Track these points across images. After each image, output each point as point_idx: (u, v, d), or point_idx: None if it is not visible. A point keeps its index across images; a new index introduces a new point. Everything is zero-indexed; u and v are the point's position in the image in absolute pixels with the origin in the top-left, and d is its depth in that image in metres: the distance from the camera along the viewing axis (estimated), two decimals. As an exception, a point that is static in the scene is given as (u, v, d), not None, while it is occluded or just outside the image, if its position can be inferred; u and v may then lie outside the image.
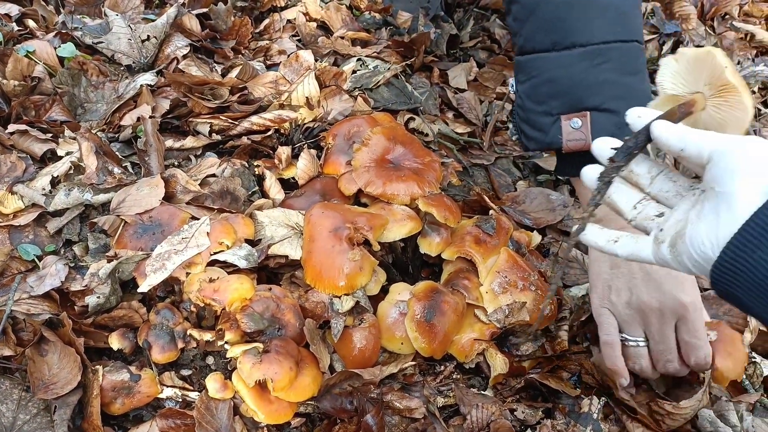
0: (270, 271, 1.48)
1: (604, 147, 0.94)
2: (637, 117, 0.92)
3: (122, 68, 1.90)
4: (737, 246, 0.76)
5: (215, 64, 1.96)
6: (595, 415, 1.38)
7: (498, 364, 1.44)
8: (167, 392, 1.26)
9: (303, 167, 1.61)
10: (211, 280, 1.30)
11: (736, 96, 0.92)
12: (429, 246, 1.54)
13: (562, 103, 1.40)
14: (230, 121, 1.69)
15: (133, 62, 1.89)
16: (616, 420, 1.38)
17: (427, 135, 1.86)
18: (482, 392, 1.46)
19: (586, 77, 1.38)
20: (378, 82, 1.93)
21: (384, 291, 1.49)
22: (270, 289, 1.35)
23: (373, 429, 1.31)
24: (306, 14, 2.22)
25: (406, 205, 1.53)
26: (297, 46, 2.10)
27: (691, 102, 0.93)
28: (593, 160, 0.97)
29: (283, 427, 1.32)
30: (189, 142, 1.67)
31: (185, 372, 1.31)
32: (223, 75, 1.93)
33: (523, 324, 1.46)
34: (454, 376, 1.49)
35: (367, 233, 1.43)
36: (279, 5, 2.27)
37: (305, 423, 1.35)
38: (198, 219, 1.43)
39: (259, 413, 1.20)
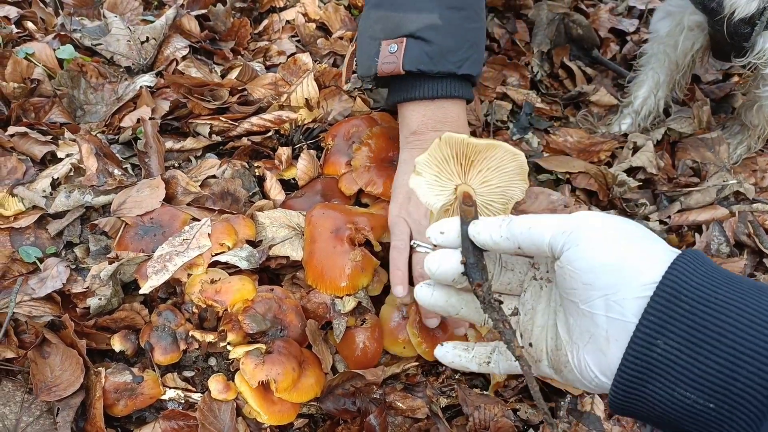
0: (271, 272, 1.48)
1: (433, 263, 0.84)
2: (440, 234, 0.84)
3: (121, 70, 1.90)
4: (626, 381, 0.69)
5: (214, 66, 1.96)
6: (598, 414, 1.38)
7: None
8: (170, 393, 1.26)
9: (303, 168, 1.61)
10: (212, 282, 1.30)
11: (495, 150, 0.89)
12: (430, 247, 1.54)
13: (383, 28, 1.43)
14: (230, 122, 1.69)
15: (133, 64, 1.89)
16: (619, 418, 1.38)
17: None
18: (484, 392, 1.46)
19: (407, 3, 1.41)
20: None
21: (385, 291, 1.49)
22: (272, 290, 1.35)
23: (376, 429, 1.31)
24: (305, 15, 2.22)
25: (407, 205, 1.53)
26: (296, 47, 2.10)
27: (465, 194, 0.89)
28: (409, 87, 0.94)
29: (286, 428, 1.32)
30: (189, 143, 1.67)
31: (188, 373, 1.31)
32: (223, 76, 1.93)
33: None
34: (456, 377, 1.49)
35: (368, 234, 1.43)
36: (278, 6, 2.27)
37: (308, 424, 1.35)
38: (199, 220, 1.42)
39: (262, 414, 1.20)
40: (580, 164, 1.96)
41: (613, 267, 0.70)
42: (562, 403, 1.41)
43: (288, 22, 2.22)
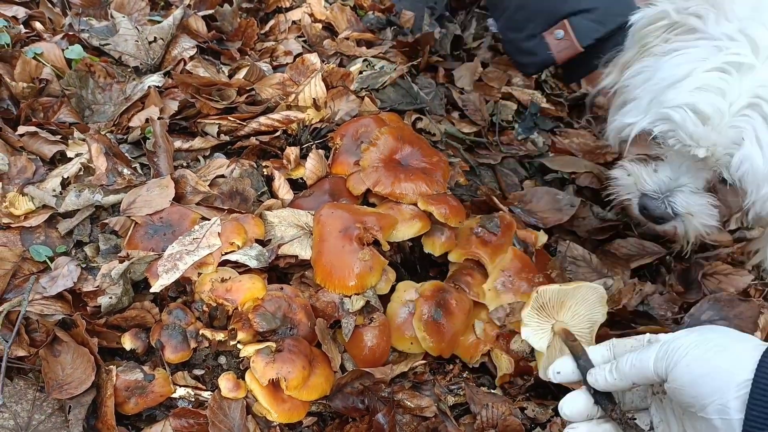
0: (280, 271, 1.49)
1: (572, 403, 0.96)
2: (557, 374, 0.98)
3: (129, 70, 1.91)
4: None
5: (222, 66, 1.97)
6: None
7: (503, 364, 1.45)
8: (180, 392, 1.27)
9: (311, 167, 1.62)
10: (222, 280, 1.30)
11: (581, 289, 1.09)
12: (432, 246, 1.55)
13: (538, 23, 1.46)
14: (238, 121, 1.69)
15: (141, 64, 1.90)
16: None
17: (434, 135, 1.87)
18: (492, 391, 1.47)
19: None
20: (384, 82, 1.94)
21: (393, 289, 1.50)
22: (281, 288, 1.36)
23: (385, 428, 1.32)
24: (311, 15, 2.23)
25: (414, 204, 1.54)
26: (303, 47, 2.11)
27: (566, 331, 1.05)
28: (588, 60, 0.98)
29: (295, 427, 1.33)
30: (197, 143, 1.67)
31: (198, 371, 1.32)
32: (230, 76, 1.94)
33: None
34: (463, 375, 1.50)
35: (376, 233, 1.44)
36: (284, 6, 2.28)
37: (317, 422, 1.36)
38: (208, 219, 1.43)
39: (272, 412, 1.21)
40: (586, 164, 1.97)
41: (711, 376, 0.80)
42: (570, 401, 1.41)
43: (294, 22, 2.23)
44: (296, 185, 1.66)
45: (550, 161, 1.99)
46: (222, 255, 1.36)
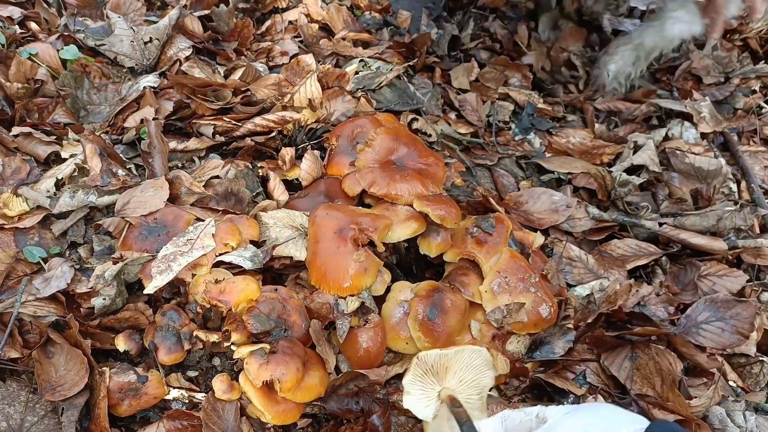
0: (275, 272, 1.49)
1: None
2: None
3: (125, 70, 1.90)
4: None
5: (218, 66, 1.97)
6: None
7: (499, 365, 1.44)
8: (174, 393, 1.26)
9: (307, 168, 1.61)
10: (217, 282, 1.30)
11: (463, 353, 1.13)
12: (428, 246, 1.55)
13: None
14: (233, 122, 1.69)
15: (136, 64, 1.89)
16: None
17: (430, 135, 1.87)
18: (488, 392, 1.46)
19: None
20: (380, 83, 1.94)
21: (388, 290, 1.50)
22: (276, 290, 1.36)
23: (380, 429, 1.32)
24: (308, 15, 2.23)
25: (410, 205, 1.53)
26: (299, 47, 2.10)
27: (451, 398, 1.10)
28: None
29: (289, 428, 1.33)
30: (192, 143, 1.67)
31: (192, 373, 1.31)
32: (226, 76, 1.94)
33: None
34: (459, 376, 1.50)
35: (371, 234, 1.44)
36: (280, 6, 2.27)
37: (311, 423, 1.36)
38: (203, 220, 1.43)
39: (266, 414, 1.21)
40: (582, 164, 1.97)
41: None
42: (565, 402, 1.41)
43: (291, 22, 2.23)
44: (292, 186, 1.66)
45: (546, 162, 1.99)
46: (216, 256, 1.36)
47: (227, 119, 1.69)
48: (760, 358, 1.58)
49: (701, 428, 1.31)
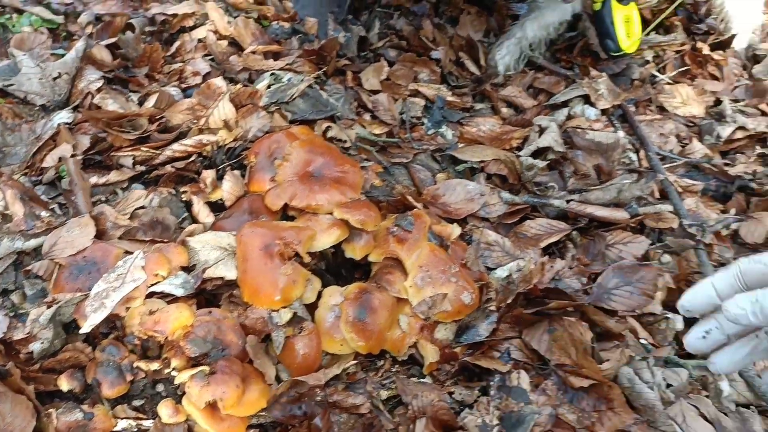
0: (209, 293, 1.55)
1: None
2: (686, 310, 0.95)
3: (37, 108, 1.91)
4: None
5: (131, 94, 1.99)
6: (524, 387, 1.51)
7: (429, 353, 1.55)
8: (122, 424, 1.32)
9: (228, 189, 1.67)
10: (150, 313, 1.36)
11: None
12: (353, 250, 1.63)
13: None
14: (152, 150, 1.73)
15: (48, 101, 1.90)
16: (543, 390, 1.51)
17: (345, 141, 1.94)
18: (422, 380, 1.57)
19: None
20: (293, 95, 2.00)
21: (319, 296, 1.58)
22: (210, 312, 1.42)
23: (322, 430, 1.41)
24: (215, 32, 2.26)
25: (331, 213, 1.61)
26: (211, 65, 2.14)
27: None
28: None
29: (238, 440, 1.40)
30: (113, 176, 1.70)
31: (137, 402, 1.37)
32: (140, 103, 1.96)
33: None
34: (394, 369, 1.60)
35: (296, 247, 1.52)
36: (188, 25, 2.30)
37: (260, 432, 1.44)
38: (132, 253, 1.48)
39: (212, 432, 1.28)
40: (492, 152, 2.09)
41: None
42: (492, 381, 1.53)
43: (200, 40, 2.26)
44: (217, 207, 1.72)
45: (459, 152, 2.10)
46: (148, 287, 1.41)
47: (145, 148, 1.73)
48: (666, 315, 1.73)
49: (612, 389, 1.45)
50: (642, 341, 1.70)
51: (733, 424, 1.58)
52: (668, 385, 1.59)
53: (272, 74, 2.07)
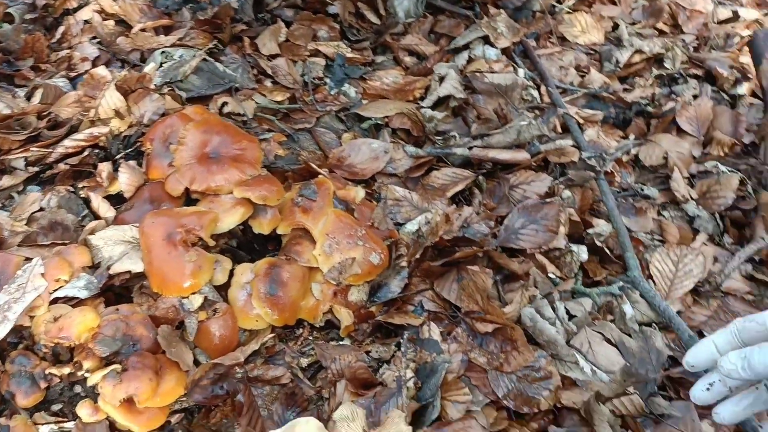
0: (118, 288, 1.56)
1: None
2: (690, 366, 1.02)
3: None
4: None
5: (17, 90, 1.93)
6: (435, 338, 1.58)
7: (344, 316, 1.60)
8: (43, 430, 1.35)
9: (126, 180, 1.66)
10: (55, 320, 1.36)
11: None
12: (260, 225, 1.65)
13: None
14: (43, 149, 1.70)
15: (-73, 109, 1.84)
16: (454, 338, 1.58)
17: (244, 115, 1.93)
18: (340, 343, 1.63)
19: None
20: (186, 72, 1.97)
21: (232, 275, 1.61)
22: (117, 309, 1.44)
23: (244, 405, 1.46)
24: (101, 12, 2.19)
25: (231, 193, 1.62)
26: (99, 49, 2.08)
27: None
28: None
29: (164, 427, 1.45)
30: (6, 181, 1.67)
31: (56, 407, 1.39)
32: (28, 98, 1.91)
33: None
34: (313, 336, 1.65)
35: (199, 232, 1.53)
36: (71, 7, 2.21)
37: (185, 417, 1.48)
38: (31, 260, 1.47)
39: (132, 427, 1.32)
40: (395, 106, 2.10)
41: None
42: (405, 335, 1.59)
43: (86, 22, 2.18)
44: (119, 199, 1.70)
45: (363, 110, 2.10)
46: (50, 294, 1.41)
47: (36, 148, 1.70)
48: (570, 248, 1.81)
49: (515, 330, 1.53)
50: (550, 275, 1.78)
51: (637, 344, 1.69)
52: (572, 317, 1.68)
53: (162, 52, 2.02)
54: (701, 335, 1.78)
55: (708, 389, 1.01)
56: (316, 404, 1.52)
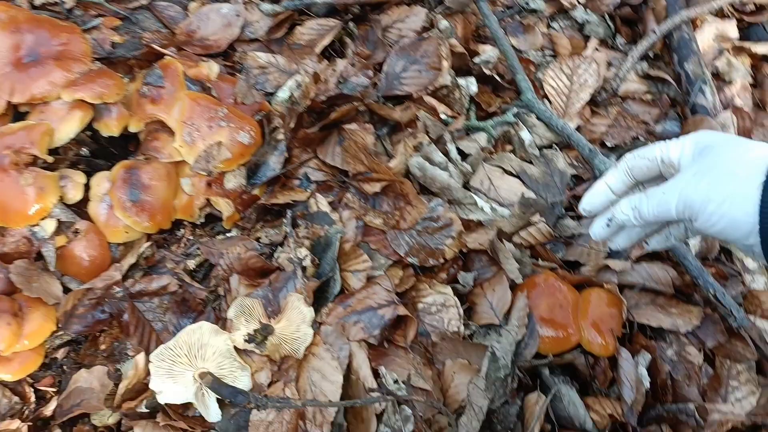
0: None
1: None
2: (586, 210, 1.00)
3: None
4: None
5: None
6: (324, 210, 1.46)
7: (224, 207, 1.46)
8: None
9: (-66, 107, 1.42)
10: None
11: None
12: (107, 127, 1.46)
13: None
14: None
15: None
16: (345, 205, 1.46)
17: (64, 2, 1.66)
18: (227, 235, 1.50)
19: None
20: (-18, -37, 1.65)
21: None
22: (-45, 257, 1.26)
23: (131, 324, 1.34)
24: None
25: (62, 97, 1.41)
26: None
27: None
28: None
29: (50, 366, 1.33)
30: None
31: None
32: None
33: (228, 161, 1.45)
34: (196, 234, 1.51)
35: (30, 150, 1.33)
36: None
37: (72, 349, 1.36)
38: None
39: (3, 376, 1.19)
40: (243, -40, 1.84)
41: (733, 227, 0.81)
42: (288, 213, 1.46)
43: None
44: (-64, 129, 1.47)
45: (208, -28, 1.84)
46: None
47: None
48: (458, 83, 1.67)
49: (403, 184, 1.41)
50: (442, 116, 1.65)
51: (539, 169, 1.61)
52: (466, 157, 1.57)
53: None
54: (603, 147, 1.72)
55: (608, 225, 0.99)
56: (212, 305, 1.42)
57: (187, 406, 1.28)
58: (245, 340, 1.25)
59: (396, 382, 1.25)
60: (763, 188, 0.77)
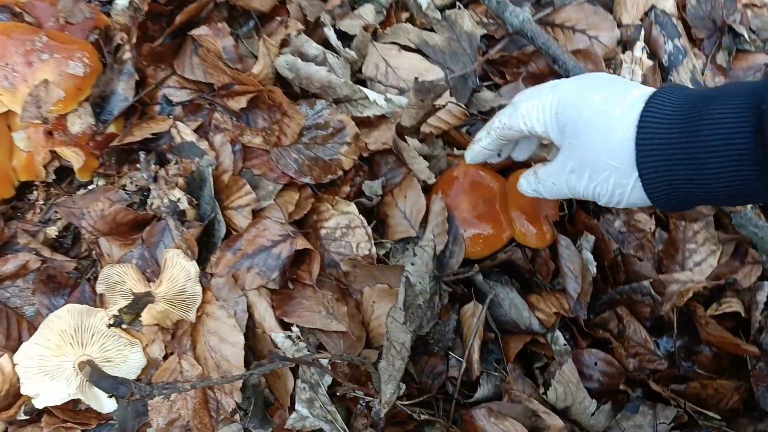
0: None
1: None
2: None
3: None
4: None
5: None
6: (190, 139, 1.21)
7: (73, 157, 1.21)
8: None
9: None
10: None
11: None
12: None
13: None
14: None
15: None
16: (216, 127, 1.22)
17: None
18: (89, 188, 1.26)
19: None
20: None
21: None
22: None
23: (-10, 321, 1.14)
24: None
25: None
26: None
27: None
28: None
29: None
30: None
31: None
32: None
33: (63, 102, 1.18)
34: (53, 194, 1.27)
35: None
36: None
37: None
38: None
39: None
40: None
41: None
42: (142, 154, 1.21)
43: None
44: None
45: None
46: None
47: None
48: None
49: (273, 93, 1.15)
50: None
51: (442, 36, 1.35)
52: (351, 39, 1.30)
53: None
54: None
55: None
56: (88, 275, 1.20)
57: (76, 400, 1.10)
58: (108, 326, 1.05)
59: (302, 333, 1.07)
60: (639, 170, 0.79)
